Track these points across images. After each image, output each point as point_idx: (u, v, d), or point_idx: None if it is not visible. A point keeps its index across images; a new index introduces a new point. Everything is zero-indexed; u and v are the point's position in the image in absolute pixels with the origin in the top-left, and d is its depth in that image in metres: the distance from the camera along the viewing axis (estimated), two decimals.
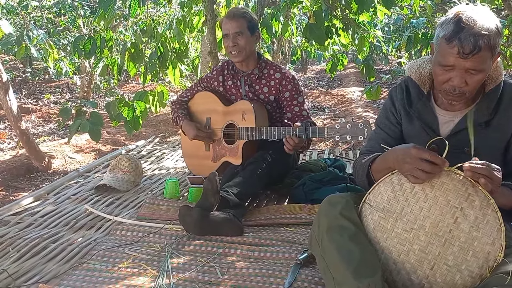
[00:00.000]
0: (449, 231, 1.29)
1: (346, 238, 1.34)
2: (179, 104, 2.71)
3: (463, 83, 1.32)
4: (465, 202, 1.29)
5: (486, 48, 1.25)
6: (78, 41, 3.18)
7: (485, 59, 1.28)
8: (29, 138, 3.72)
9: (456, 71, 1.31)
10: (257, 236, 1.95)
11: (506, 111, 1.41)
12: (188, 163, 2.79)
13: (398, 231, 1.35)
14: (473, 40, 1.24)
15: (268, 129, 2.31)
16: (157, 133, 5.25)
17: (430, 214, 1.32)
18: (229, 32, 2.38)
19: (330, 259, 1.34)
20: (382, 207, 1.38)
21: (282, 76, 2.47)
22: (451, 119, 1.47)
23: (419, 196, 1.34)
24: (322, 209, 1.46)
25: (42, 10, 6.90)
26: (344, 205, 1.42)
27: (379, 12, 3.76)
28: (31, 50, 4.20)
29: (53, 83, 8.82)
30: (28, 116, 6.04)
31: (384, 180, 1.40)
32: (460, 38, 1.25)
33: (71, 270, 1.69)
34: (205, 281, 1.61)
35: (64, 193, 2.55)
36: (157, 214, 2.19)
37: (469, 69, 1.29)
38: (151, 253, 1.81)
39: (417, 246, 1.32)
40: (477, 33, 1.24)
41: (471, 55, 1.25)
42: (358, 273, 1.25)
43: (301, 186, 2.40)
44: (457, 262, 1.28)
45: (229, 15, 2.41)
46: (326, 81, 10.25)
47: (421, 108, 1.51)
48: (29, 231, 2.02)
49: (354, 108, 6.38)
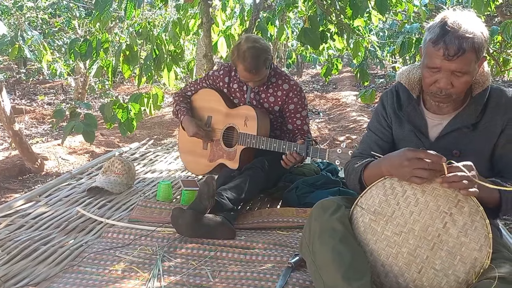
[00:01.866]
0: (438, 236, 1.31)
1: (337, 240, 1.34)
2: (182, 97, 2.66)
3: (449, 85, 1.35)
4: (454, 207, 1.31)
5: (471, 50, 1.29)
6: (74, 43, 3.17)
7: (470, 62, 1.31)
8: (22, 139, 3.70)
9: (442, 73, 1.35)
10: (249, 240, 1.95)
11: (493, 114, 1.44)
12: (183, 158, 2.75)
13: (388, 233, 1.36)
14: (457, 42, 1.28)
15: (269, 140, 2.29)
16: (151, 135, 5.24)
17: (420, 218, 1.33)
18: (251, 80, 2.35)
19: (321, 262, 1.35)
20: (373, 210, 1.39)
21: (290, 88, 2.43)
22: (440, 122, 1.50)
23: (410, 200, 1.35)
24: (314, 213, 1.47)
25: (37, 11, 6.87)
26: (336, 209, 1.44)
27: (374, 17, 3.78)
28: (24, 51, 4.18)
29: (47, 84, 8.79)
30: (22, 117, 6.01)
31: (377, 184, 1.41)
32: (445, 40, 1.30)
33: (61, 273, 1.68)
34: (196, 284, 1.61)
35: (56, 195, 2.53)
36: (149, 217, 2.18)
37: (455, 71, 1.33)
38: (142, 256, 1.81)
39: (405, 249, 1.33)
40: (461, 36, 1.29)
41: (456, 57, 1.29)
42: (347, 276, 1.26)
43: (294, 190, 2.41)
44: (444, 266, 1.29)
45: (251, 70, 2.27)
46: (321, 85, 10.29)
47: (411, 112, 1.54)
48: (19, 233, 2.00)
49: (349, 112, 6.41)
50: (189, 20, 3.93)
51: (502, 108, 1.44)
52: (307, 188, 2.40)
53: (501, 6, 3.37)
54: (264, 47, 2.32)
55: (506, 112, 1.43)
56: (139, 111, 2.99)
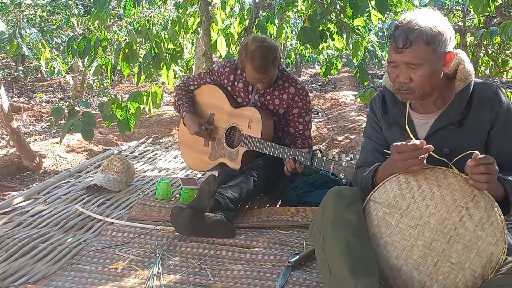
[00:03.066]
0: (454, 229, 1.30)
1: (349, 232, 1.34)
2: (185, 91, 2.62)
3: (407, 78, 1.39)
4: (471, 202, 1.31)
5: (419, 41, 1.34)
6: (72, 40, 3.16)
7: (422, 53, 1.35)
8: (20, 137, 3.69)
9: (400, 68, 1.39)
10: (249, 239, 1.95)
11: (478, 110, 1.44)
12: (183, 152, 2.71)
13: (402, 226, 1.36)
14: (404, 35, 1.35)
15: (273, 146, 2.24)
16: (150, 134, 5.23)
17: (436, 211, 1.33)
18: (260, 81, 2.30)
19: (330, 251, 1.35)
20: (387, 203, 1.39)
21: (296, 91, 2.40)
22: (426, 121, 1.52)
23: (426, 194, 1.36)
24: (328, 200, 1.45)
25: (36, 8, 6.85)
26: (353, 200, 1.43)
27: (373, 17, 3.78)
28: (23, 48, 4.16)
29: (46, 82, 8.75)
30: (20, 115, 5.99)
31: (391, 179, 1.42)
32: (394, 35, 1.38)
33: (60, 271, 1.67)
34: (195, 283, 1.60)
35: (54, 193, 2.52)
36: (149, 215, 2.18)
37: (407, 63, 1.37)
38: (142, 254, 1.80)
39: (421, 242, 1.33)
40: (408, 29, 1.35)
41: (404, 49, 1.35)
42: (355, 270, 1.26)
43: (294, 189, 2.40)
44: (460, 260, 1.29)
45: (259, 70, 2.22)
46: (320, 85, 10.29)
47: (397, 114, 1.56)
48: (18, 231, 2.00)
49: (348, 112, 6.41)
50: (188, 19, 3.92)
51: (487, 103, 1.44)
52: (307, 187, 2.40)
53: (501, 7, 3.37)
54: (273, 46, 2.28)
55: (492, 107, 1.43)
56: (138, 110, 2.98)
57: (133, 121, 2.96)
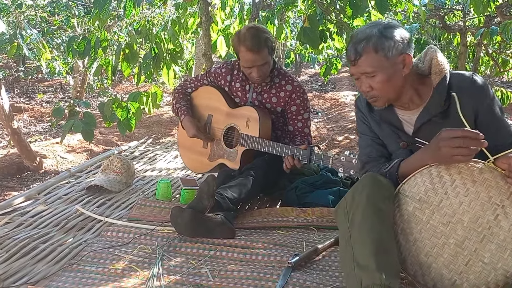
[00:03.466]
0: (489, 228, 1.28)
1: (382, 223, 1.31)
2: (182, 94, 2.63)
3: (368, 87, 1.48)
4: (507, 200, 1.28)
5: (368, 51, 1.43)
6: (72, 41, 3.16)
7: (373, 61, 1.43)
8: (21, 137, 3.69)
9: (360, 79, 1.49)
10: (249, 239, 1.95)
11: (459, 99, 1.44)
12: (182, 154, 2.73)
13: (434, 223, 1.33)
14: (353, 49, 1.46)
15: (271, 144, 2.25)
16: (150, 134, 5.23)
17: (470, 208, 1.30)
18: (254, 64, 2.27)
19: (357, 237, 1.31)
20: (418, 197, 1.36)
21: (293, 89, 2.41)
22: (410, 117, 1.56)
23: (460, 190, 1.32)
24: (366, 183, 1.41)
25: (36, 9, 6.85)
26: (389, 190, 1.40)
27: (373, 17, 3.78)
28: (23, 49, 4.17)
29: (46, 82, 8.76)
30: (20, 115, 5.99)
31: (422, 172, 1.37)
32: (347, 49, 1.50)
33: (60, 271, 1.67)
34: (195, 283, 1.60)
35: (55, 193, 2.52)
36: (149, 216, 2.18)
37: (363, 73, 1.46)
38: (142, 254, 1.80)
39: (453, 240, 1.30)
40: (355, 42, 1.45)
41: (356, 61, 1.45)
42: (383, 264, 1.23)
43: (294, 190, 2.40)
44: (493, 260, 1.26)
45: (252, 48, 2.22)
46: (320, 85, 10.28)
47: (382, 111, 1.60)
48: (18, 231, 2.00)
49: (347, 112, 6.41)
50: (188, 19, 3.92)
51: (466, 92, 1.45)
52: (307, 187, 2.40)
53: (501, 7, 3.37)
54: (264, 29, 2.31)
55: (471, 95, 1.45)
56: (138, 110, 2.98)
57: (133, 121, 2.96)
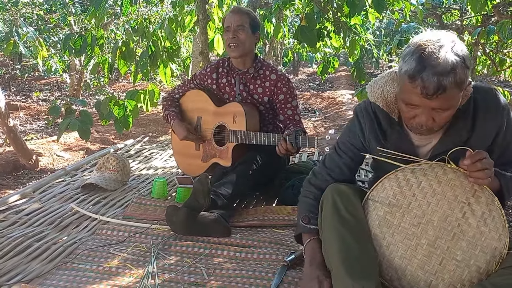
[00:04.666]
0: (458, 225, 1.29)
1: (347, 232, 1.32)
2: (170, 101, 2.67)
3: (430, 120, 1.26)
4: (472, 197, 1.30)
5: (452, 87, 1.17)
6: (69, 39, 3.15)
7: (453, 97, 1.21)
8: (17, 135, 3.68)
9: (422, 109, 1.24)
10: (245, 238, 1.94)
11: (484, 121, 1.36)
12: (177, 160, 2.76)
13: (405, 225, 1.34)
14: (436, 80, 1.15)
15: (259, 134, 2.29)
16: (147, 133, 5.22)
17: (438, 208, 1.31)
18: (231, 25, 2.37)
19: (328, 248, 1.34)
20: (388, 202, 1.37)
21: (277, 78, 2.44)
22: (429, 141, 1.42)
23: (427, 191, 1.33)
24: (327, 196, 1.42)
25: (33, 7, 6.83)
26: (351, 196, 1.40)
27: (371, 15, 3.78)
28: (19, 46, 4.15)
29: (43, 80, 8.73)
30: (17, 113, 5.97)
31: (389, 177, 1.39)
32: (422, 77, 1.17)
33: (54, 270, 1.66)
34: (190, 282, 1.59)
35: (50, 191, 2.51)
36: (144, 214, 2.17)
37: (435, 108, 1.22)
38: (136, 253, 1.79)
39: (425, 240, 1.31)
40: (440, 73, 1.15)
41: (435, 96, 1.17)
42: (353, 272, 1.24)
43: (290, 188, 2.39)
44: (465, 257, 1.28)
45: (233, 10, 2.45)
46: (318, 84, 10.28)
47: (396, 138, 1.44)
48: (12, 230, 1.99)
49: (345, 111, 6.41)
50: (185, 17, 3.91)
51: (492, 112, 1.36)
52: None
53: (498, 6, 3.37)
54: (253, 12, 2.50)
55: (497, 115, 1.36)
56: (135, 108, 2.97)
57: (130, 119, 2.96)
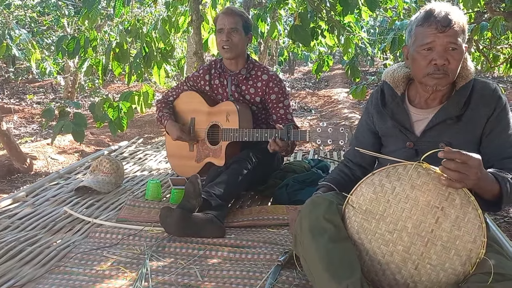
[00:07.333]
0: (431, 231, 1.30)
1: (326, 239, 1.34)
2: (164, 103, 2.68)
3: (445, 60, 1.39)
4: (445, 201, 1.30)
5: (458, 24, 1.37)
6: (62, 40, 3.14)
7: (459, 35, 1.38)
8: (10, 139, 3.66)
9: (436, 50, 1.39)
10: (239, 238, 1.93)
11: (477, 106, 1.47)
12: (171, 163, 2.76)
13: (381, 232, 1.35)
14: (445, 14, 1.37)
15: (251, 131, 2.30)
16: (142, 134, 5.21)
17: (411, 215, 1.33)
18: (224, 27, 2.38)
19: (310, 260, 1.36)
20: (364, 208, 1.38)
21: (269, 78, 2.46)
22: (426, 116, 1.54)
23: (400, 197, 1.35)
24: (304, 210, 1.46)
25: (26, 9, 6.79)
26: (327, 207, 1.42)
27: (364, 13, 3.78)
28: (12, 49, 4.13)
29: (37, 83, 8.70)
30: (10, 116, 5.93)
31: (366, 181, 1.40)
32: (435, 16, 1.38)
33: (47, 274, 1.65)
34: (184, 283, 1.58)
35: (43, 195, 2.49)
36: (138, 216, 2.16)
37: (449, 42, 1.37)
38: (130, 255, 1.78)
39: (400, 247, 1.33)
40: (448, 11, 1.38)
41: (448, 28, 1.36)
42: (336, 275, 1.26)
43: (284, 187, 2.39)
44: (440, 261, 1.29)
45: (226, 11, 2.43)
46: (313, 82, 10.29)
47: (394, 108, 1.60)
48: (5, 234, 1.97)
49: (341, 109, 6.41)
50: (179, 18, 3.90)
51: (486, 99, 1.47)
52: (298, 185, 2.39)
53: (491, 2, 3.37)
54: (245, 13, 2.49)
55: (490, 103, 1.47)
56: (130, 109, 2.96)
57: (125, 121, 2.94)
